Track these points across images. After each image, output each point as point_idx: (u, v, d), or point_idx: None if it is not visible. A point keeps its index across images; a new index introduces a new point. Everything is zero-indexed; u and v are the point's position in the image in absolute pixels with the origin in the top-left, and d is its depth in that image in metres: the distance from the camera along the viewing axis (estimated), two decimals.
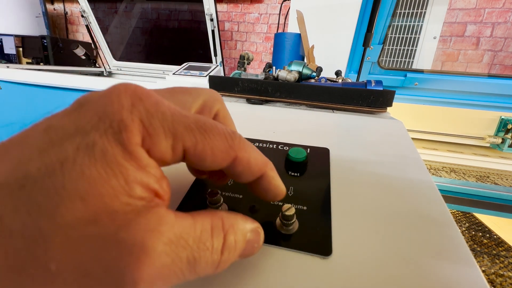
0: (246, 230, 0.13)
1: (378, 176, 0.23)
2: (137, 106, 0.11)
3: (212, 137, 0.12)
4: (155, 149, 0.11)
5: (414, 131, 1.23)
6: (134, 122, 0.11)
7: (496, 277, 0.84)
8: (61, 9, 2.38)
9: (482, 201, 0.95)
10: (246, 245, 0.13)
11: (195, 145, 0.12)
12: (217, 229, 0.12)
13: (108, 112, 0.10)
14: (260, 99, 0.41)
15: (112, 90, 0.11)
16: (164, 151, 0.11)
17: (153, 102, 0.12)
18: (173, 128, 0.11)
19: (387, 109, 0.38)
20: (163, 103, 0.12)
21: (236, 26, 2.08)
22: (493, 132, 1.15)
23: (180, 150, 0.12)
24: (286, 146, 0.27)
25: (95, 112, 0.11)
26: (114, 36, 1.79)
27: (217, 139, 0.12)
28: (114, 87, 0.12)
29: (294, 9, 1.19)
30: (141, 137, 0.11)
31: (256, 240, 0.14)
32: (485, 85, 1.15)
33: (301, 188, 0.21)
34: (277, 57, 0.97)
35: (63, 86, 1.14)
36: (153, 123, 0.11)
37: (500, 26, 1.59)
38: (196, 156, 0.12)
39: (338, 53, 1.20)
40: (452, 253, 0.17)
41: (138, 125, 0.11)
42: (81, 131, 0.10)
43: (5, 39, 2.06)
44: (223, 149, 0.12)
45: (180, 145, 0.12)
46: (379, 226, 0.18)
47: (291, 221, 0.17)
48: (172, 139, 0.11)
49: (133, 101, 0.11)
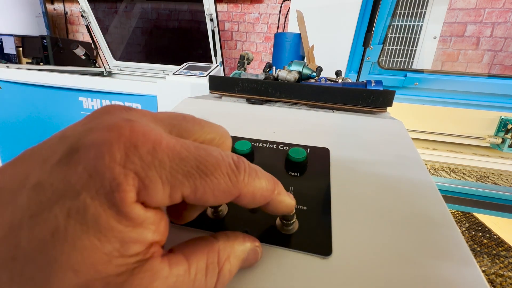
0: (244, 253, 0.14)
1: (378, 176, 0.23)
2: (131, 157, 0.10)
3: (213, 180, 0.11)
4: (151, 200, 0.10)
5: (414, 131, 1.23)
6: (127, 177, 0.10)
7: (496, 277, 0.84)
8: (61, 9, 2.38)
9: (482, 201, 0.95)
10: (242, 263, 0.14)
11: (195, 192, 0.11)
12: (212, 266, 0.12)
13: (99, 169, 0.10)
14: (260, 99, 0.41)
15: (105, 138, 0.10)
16: (160, 201, 0.11)
17: (150, 148, 0.11)
18: (171, 177, 0.11)
19: (387, 109, 0.38)
20: (161, 146, 0.11)
21: (236, 26, 2.08)
22: (493, 132, 1.15)
23: (179, 197, 0.11)
24: (286, 146, 0.27)
25: (85, 168, 0.10)
26: (114, 36, 1.79)
27: (219, 181, 0.12)
28: (107, 131, 0.11)
29: (294, 9, 1.19)
30: (136, 191, 0.10)
31: (254, 258, 0.14)
32: (485, 85, 1.15)
33: (301, 188, 0.21)
34: (277, 57, 0.97)
35: (63, 86, 1.14)
36: (149, 174, 0.10)
37: (500, 26, 1.59)
38: (196, 200, 0.11)
39: (338, 53, 1.19)
40: (452, 253, 0.16)
41: (133, 179, 0.10)
42: (71, 191, 0.09)
43: (5, 39, 2.06)
44: (226, 189, 0.12)
45: (178, 193, 0.11)
46: (379, 226, 0.18)
47: (291, 221, 0.17)
48: (169, 189, 0.11)
49: (127, 152, 0.10)
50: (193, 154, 0.11)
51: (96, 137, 0.10)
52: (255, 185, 0.13)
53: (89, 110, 1.17)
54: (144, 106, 1.11)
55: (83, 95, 1.15)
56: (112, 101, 1.13)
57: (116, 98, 1.13)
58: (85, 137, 0.11)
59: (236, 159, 0.13)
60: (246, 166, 0.13)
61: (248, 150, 0.25)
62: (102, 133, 0.10)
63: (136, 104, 1.12)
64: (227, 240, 0.13)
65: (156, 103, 1.09)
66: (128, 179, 0.10)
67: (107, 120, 0.11)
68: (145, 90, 1.08)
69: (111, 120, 0.11)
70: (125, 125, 0.11)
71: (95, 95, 1.14)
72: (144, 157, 0.10)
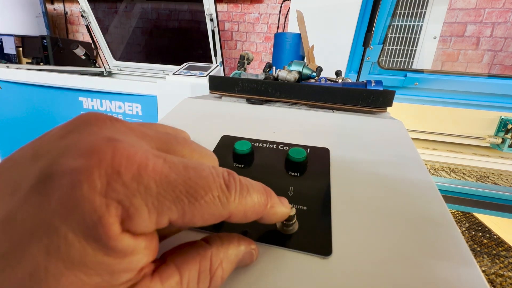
0: (238, 257, 0.13)
1: (378, 176, 0.23)
2: (113, 185, 0.09)
3: (203, 204, 0.11)
4: (136, 228, 0.09)
5: (414, 131, 1.23)
6: (110, 208, 0.09)
7: (496, 277, 0.84)
8: (61, 9, 2.38)
9: (482, 201, 0.95)
10: (236, 265, 0.13)
11: (183, 216, 0.10)
12: (204, 274, 0.12)
13: (77, 200, 0.09)
14: (260, 99, 0.41)
15: (82, 164, 0.09)
16: (145, 229, 0.10)
17: (135, 173, 0.10)
18: (158, 204, 0.10)
19: (387, 109, 0.38)
20: (147, 170, 0.10)
21: (236, 26, 2.08)
22: (493, 132, 1.15)
23: (165, 222, 0.10)
24: (286, 146, 0.27)
25: (62, 198, 0.09)
26: (114, 36, 1.79)
27: (209, 205, 0.11)
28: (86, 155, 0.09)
29: (294, 9, 1.19)
30: (119, 221, 0.09)
31: (250, 259, 0.14)
32: (485, 85, 1.15)
33: (301, 188, 0.21)
34: (277, 57, 0.97)
35: (63, 86, 1.14)
36: (134, 202, 0.09)
37: (500, 26, 1.59)
38: (183, 224, 0.11)
39: (338, 53, 1.19)
40: (452, 253, 0.16)
41: (116, 209, 0.09)
42: (48, 226, 0.08)
43: (5, 39, 2.06)
44: (216, 212, 0.11)
45: (165, 219, 0.10)
46: (379, 226, 0.18)
47: (291, 222, 0.17)
48: (156, 216, 0.10)
49: (108, 180, 0.09)
50: (182, 177, 0.10)
51: (72, 162, 0.09)
52: (246, 203, 0.12)
53: (89, 110, 1.17)
54: (144, 106, 1.11)
55: (83, 95, 1.15)
56: (112, 101, 1.13)
57: (116, 98, 1.13)
58: (60, 159, 0.09)
59: (227, 176, 0.12)
60: (236, 184, 0.12)
61: (248, 150, 0.25)
62: (80, 158, 0.09)
63: (136, 104, 1.12)
64: (221, 244, 0.13)
65: (156, 103, 1.09)
66: (110, 209, 0.09)
67: (87, 139, 0.10)
68: (145, 90, 1.08)
69: (91, 139, 0.10)
70: (107, 148, 0.10)
71: (95, 95, 1.14)
72: (128, 184, 0.09)
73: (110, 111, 1.15)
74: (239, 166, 0.24)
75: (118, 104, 1.14)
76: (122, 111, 1.14)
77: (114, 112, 1.15)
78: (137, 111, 1.13)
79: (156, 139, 0.13)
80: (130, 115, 1.14)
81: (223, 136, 0.29)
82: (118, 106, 1.14)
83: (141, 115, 1.13)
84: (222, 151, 0.26)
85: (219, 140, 0.28)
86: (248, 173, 0.23)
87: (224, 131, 0.30)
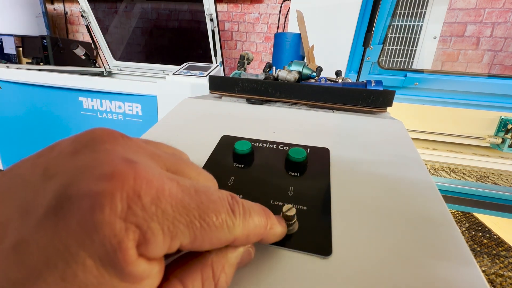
0: (238, 259, 0.13)
1: (378, 176, 0.23)
2: (133, 208, 0.09)
3: (213, 229, 0.11)
4: (149, 254, 0.09)
5: (414, 131, 1.23)
6: (128, 232, 0.09)
7: (496, 277, 0.84)
8: (61, 9, 2.38)
9: (482, 201, 0.95)
10: (237, 266, 0.13)
11: (193, 241, 0.10)
12: (208, 282, 0.12)
13: (98, 223, 0.08)
14: (260, 99, 0.41)
15: (105, 187, 0.09)
16: (158, 254, 0.10)
17: (154, 196, 0.10)
18: (174, 228, 0.10)
19: (387, 109, 0.38)
20: (165, 194, 0.10)
21: (236, 26, 2.08)
22: (493, 132, 1.15)
23: (176, 247, 0.10)
24: (286, 146, 0.27)
25: (81, 222, 0.08)
26: (114, 36, 1.79)
27: (218, 229, 0.11)
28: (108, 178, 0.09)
29: (294, 9, 1.19)
30: (136, 246, 0.09)
31: (248, 258, 0.14)
32: (485, 85, 1.15)
33: (301, 188, 0.21)
34: (277, 57, 0.97)
35: (63, 86, 1.14)
36: (151, 226, 0.09)
37: (500, 26, 1.59)
38: (192, 249, 0.11)
39: (338, 53, 1.19)
40: (452, 253, 0.16)
41: (133, 233, 0.09)
42: (65, 252, 0.08)
43: (5, 39, 2.06)
44: (222, 237, 0.11)
45: (177, 243, 0.10)
46: (379, 226, 0.18)
47: (291, 222, 0.17)
48: (170, 240, 0.10)
49: (129, 203, 0.09)
50: (195, 201, 0.11)
51: (93, 184, 0.09)
52: (249, 226, 0.12)
53: (89, 110, 1.17)
54: (144, 106, 1.11)
55: (83, 95, 1.15)
56: (112, 101, 1.13)
57: (116, 98, 1.13)
58: (78, 180, 0.09)
59: (231, 200, 0.12)
60: (240, 208, 0.12)
61: (248, 150, 0.25)
62: (101, 181, 0.09)
63: (136, 104, 1.12)
64: (220, 250, 0.13)
65: (156, 103, 1.09)
66: (129, 234, 0.09)
67: (104, 158, 0.10)
68: (145, 90, 1.08)
69: (108, 159, 0.10)
70: (128, 171, 0.10)
71: (95, 95, 1.14)
72: (147, 207, 0.09)
73: (110, 111, 1.15)
74: (239, 166, 0.24)
75: (118, 104, 1.14)
76: (122, 111, 1.14)
77: (114, 112, 1.15)
78: (137, 111, 1.13)
79: (165, 160, 0.13)
80: (130, 115, 1.14)
81: (223, 136, 0.29)
82: (118, 106, 1.14)
83: (141, 115, 1.13)
84: (222, 151, 0.26)
85: (219, 140, 0.28)
86: (248, 173, 0.23)
87: (224, 131, 0.30)
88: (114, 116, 1.16)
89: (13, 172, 0.10)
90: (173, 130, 0.32)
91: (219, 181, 0.22)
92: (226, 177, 0.22)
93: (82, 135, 0.11)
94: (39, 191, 0.09)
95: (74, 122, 1.21)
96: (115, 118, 1.16)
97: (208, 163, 0.25)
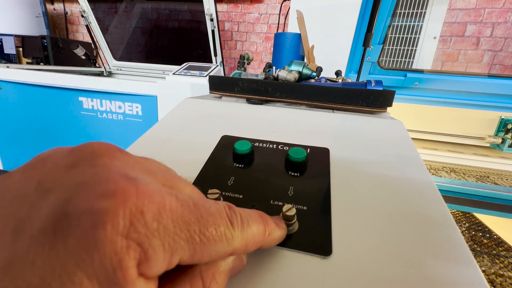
0: (229, 265, 0.13)
1: (378, 176, 0.23)
2: (135, 225, 0.09)
3: (212, 243, 0.11)
4: (150, 272, 0.09)
5: (414, 131, 1.23)
6: (129, 250, 0.08)
7: (496, 277, 0.84)
8: (61, 9, 2.38)
9: (482, 201, 0.95)
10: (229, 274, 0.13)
11: (193, 256, 0.10)
12: None
13: (98, 241, 0.08)
14: (260, 99, 0.41)
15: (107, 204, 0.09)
16: (158, 271, 0.09)
17: (156, 212, 0.09)
18: (174, 244, 0.10)
19: (387, 109, 0.38)
20: (166, 209, 0.10)
21: (236, 26, 2.08)
22: (493, 132, 1.15)
23: (175, 263, 0.10)
24: (286, 146, 0.27)
25: (80, 240, 0.08)
26: (114, 36, 1.79)
27: (217, 243, 0.11)
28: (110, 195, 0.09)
29: (294, 9, 1.19)
30: (136, 264, 0.09)
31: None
32: (485, 85, 1.15)
33: (301, 188, 0.21)
34: (277, 57, 0.96)
35: (63, 86, 1.14)
36: (153, 243, 0.09)
37: (500, 26, 1.59)
38: (190, 263, 0.11)
39: (338, 53, 1.19)
40: (452, 253, 0.16)
41: (134, 251, 0.09)
42: (61, 272, 0.08)
43: (5, 39, 2.06)
44: (221, 250, 0.11)
45: (177, 259, 0.10)
46: (379, 226, 0.18)
47: (291, 222, 0.17)
48: (170, 256, 0.09)
49: (132, 220, 0.09)
50: (194, 215, 0.10)
51: (94, 201, 0.09)
52: (247, 236, 0.12)
53: (89, 110, 1.17)
54: (144, 106, 1.11)
55: (83, 95, 1.15)
56: (112, 101, 1.13)
57: (116, 98, 1.13)
58: (77, 197, 0.09)
59: (228, 211, 0.12)
60: (237, 218, 0.12)
61: (248, 150, 0.25)
62: (103, 197, 0.09)
63: (136, 104, 1.12)
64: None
65: (156, 103, 1.09)
66: (130, 252, 0.08)
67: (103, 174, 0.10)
68: (145, 90, 1.08)
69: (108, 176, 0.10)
70: (131, 188, 0.09)
71: (95, 95, 1.14)
72: (149, 224, 0.09)
73: (110, 111, 1.15)
74: (239, 166, 0.24)
75: (118, 104, 1.14)
76: (122, 111, 1.14)
77: (114, 112, 1.15)
78: (137, 111, 1.13)
79: (160, 176, 0.12)
80: (130, 115, 1.14)
81: (223, 136, 0.29)
82: (118, 106, 1.14)
83: (141, 115, 1.13)
84: (222, 151, 0.26)
85: (219, 140, 0.28)
86: (248, 173, 0.23)
87: (224, 131, 0.30)
88: (114, 116, 1.16)
89: (3, 184, 0.10)
90: (173, 130, 0.32)
91: (219, 181, 0.22)
92: (226, 177, 0.22)
93: (78, 148, 0.11)
94: (34, 206, 0.09)
95: (74, 122, 1.21)
96: (115, 118, 1.16)
97: (208, 163, 0.25)
